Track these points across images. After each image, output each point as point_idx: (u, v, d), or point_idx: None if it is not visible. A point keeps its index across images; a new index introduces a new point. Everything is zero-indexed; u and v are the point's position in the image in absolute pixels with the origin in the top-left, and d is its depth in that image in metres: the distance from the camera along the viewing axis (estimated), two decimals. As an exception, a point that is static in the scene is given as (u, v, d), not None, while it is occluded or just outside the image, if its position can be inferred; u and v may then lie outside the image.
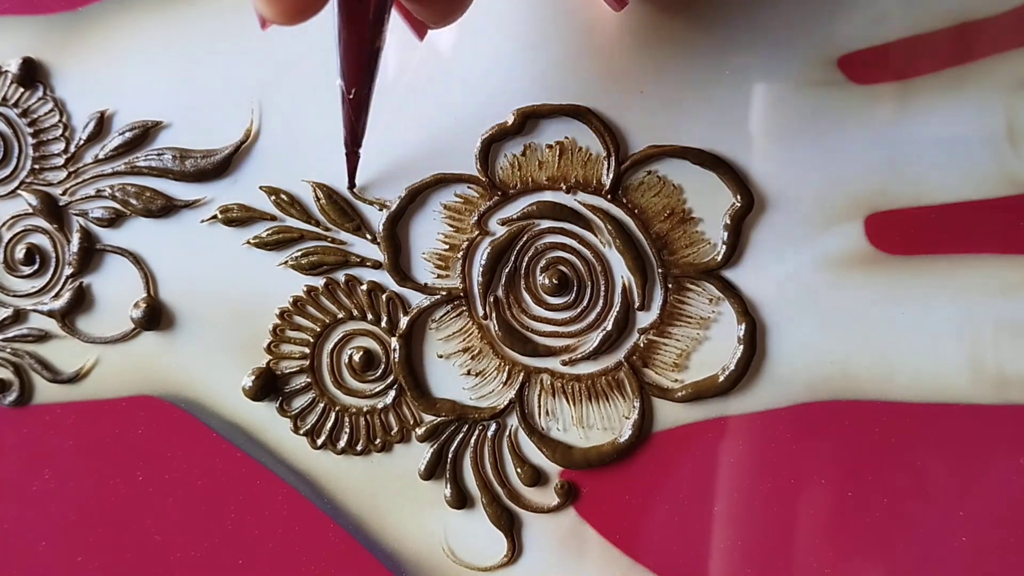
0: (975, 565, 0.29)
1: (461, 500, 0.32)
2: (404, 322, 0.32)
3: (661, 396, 0.31)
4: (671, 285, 0.31)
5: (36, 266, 0.34)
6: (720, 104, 0.30)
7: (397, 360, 0.32)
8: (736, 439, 0.31)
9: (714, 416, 0.31)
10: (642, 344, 0.31)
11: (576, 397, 0.31)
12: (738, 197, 0.30)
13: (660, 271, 0.31)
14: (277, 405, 0.33)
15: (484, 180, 0.31)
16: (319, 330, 0.33)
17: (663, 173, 0.30)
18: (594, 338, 0.31)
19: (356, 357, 0.32)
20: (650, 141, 0.30)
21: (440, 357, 0.32)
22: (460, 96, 0.31)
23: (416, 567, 0.33)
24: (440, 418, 0.32)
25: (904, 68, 0.29)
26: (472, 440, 0.32)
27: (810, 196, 0.30)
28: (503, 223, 0.31)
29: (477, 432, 0.32)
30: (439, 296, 0.32)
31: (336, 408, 0.33)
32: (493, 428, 0.32)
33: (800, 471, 0.30)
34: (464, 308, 0.32)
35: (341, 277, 0.32)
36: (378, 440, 0.33)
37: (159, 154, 0.33)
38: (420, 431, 0.32)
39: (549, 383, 0.32)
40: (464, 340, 0.32)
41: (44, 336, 0.35)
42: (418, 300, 0.32)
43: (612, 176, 0.30)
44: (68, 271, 0.34)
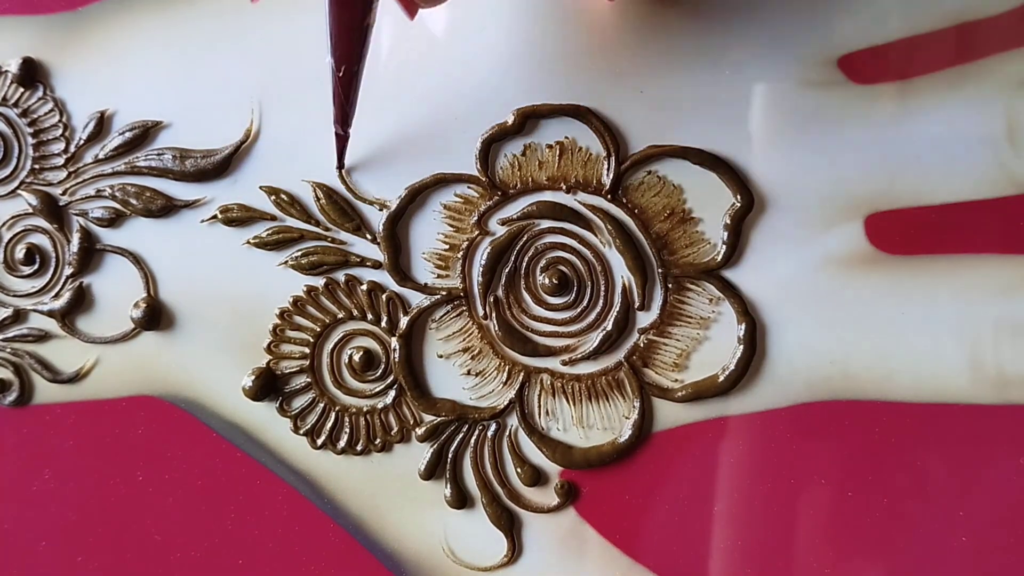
0: (975, 565, 0.29)
1: (461, 500, 0.32)
2: (404, 322, 0.32)
3: (661, 396, 0.31)
4: (671, 285, 0.31)
5: (36, 266, 0.34)
6: (720, 104, 0.30)
7: (397, 360, 0.32)
8: (736, 439, 0.31)
9: (714, 416, 0.31)
10: (642, 344, 0.31)
11: (576, 397, 0.31)
12: (738, 197, 0.30)
13: (660, 271, 0.31)
14: (277, 405, 0.33)
15: (484, 180, 0.31)
16: (319, 330, 0.33)
17: (663, 173, 0.30)
18: (594, 338, 0.31)
19: (356, 357, 0.32)
20: (650, 141, 0.30)
21: (440, 357, 0.32)
22: (460, 96, 0.31)
23: (416, 567, 0.33)
24: (440, 418, 0.32)
25: (904, 68, 0.29)
26: (472, 440, 0.32)
27: (810, 196, 0.30)
28: (503, 223, 0.31)
29: (477, 432, 0.32)
30: (439, 296, 0.32)
31: (336, 408, 0.33)
32: (493, 428, 0.32)
33: (800, 471, 0.30)
34: (464, 308, 0.32)
35: (341, 277, 0.32)
36: (378, 440, 0.32)
37: (159, 154, 0.33)
38: (420, 431, 0.32)
39: (549, 383, 0.32)
40: (464, 340, 0.32)
41: (44, 336, 0.35)
42: (418, 300, 0.32)
43: (612, 176, 0.30)
44: (68, 271, 0.34)
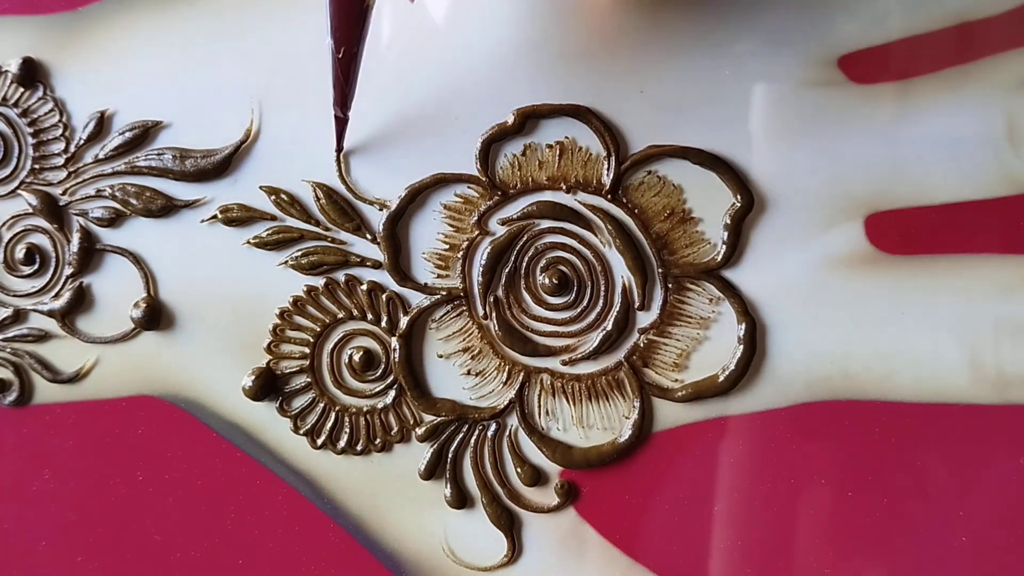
0: (975, 565, 0.29)
1: (461, 500, 0.32)
2: (404, 322, 0.32)
3: (661, 396, 0.31)
4: (671, 285, 0.31)
5: (36, 266, 0.34)
6: (720, 104, 0.30)
7: (397, 360, 0.32)
8: (736, 439, 0.31)
9: (714, 416, 0.31)
10: (642, 344, 0.31)
11: (576, 397, 0.31)
12: (738, 197, 0.30)
13: (660, 271, 0.31)
14: (277, 405, 0.33)
15: (484, 180, 0.31)
16: (319, 330, 0.33)
17: (663, 173, 0.30)
18: (594, 338, 0.31)
19: (356, 357, 0.32)
20: (650, 141, 0.30)
21: (440, 357, 0.32)
22: (460, 96, 0.31)
23: (416, 567, 0.33)
24: (440, 418, 0.32)
25: (904, 68, 0.29)
26: (472, 440, 0.32)
27: (810, 196, 0.30)
28: (503, 223, 0.31)
29: (477, 432, 0.32)
30: (439, 296, 0.32)
31: (336, 408, 0.33)
32: (493, 428, 0.32)
33: (800, 471, 0.30)
34: (464, 308, 0.32)
35: (341, 277, 0.32)
36: (378, 440, 0.32)
37: (159, 154, 0.33)
38: (420, 431, 0.32)
39: (549, 383, 0.32)
40: (464, 340, 0.32)
41: (44, 336, 0.35)
42: (418, 300, 0.32)
43: (612, 176, 0.30)
44: (68, 271, 0.34)
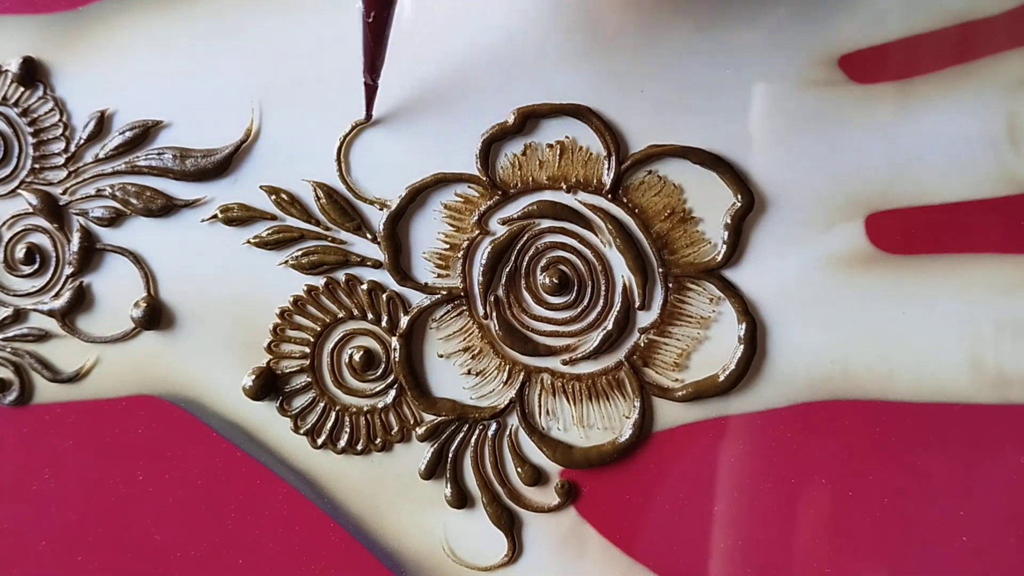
0: (975, 565, 0.29)
1: (461, 500, 0.32)
2: (404, 321, 0.32)
3: (661, 396, 0.31)
4: (671, 285, 0.31)
5: (36, 265, 0.34)
6: (720, 104, 0.30)
7: (397, 359, 0.32)
8: (736, 439, 0.31)
9: (714, 416, 0.31)
10: (642, 344, 0.31)
11: (576, 396, 0.31)
12: (738, 197, 0.30)
13: (660, 271, 0.31)
14: (277, 405, 0.33)
15: (484, 180, 0.31)
16: (319, 329, 0.33)
17: (663, 173, 0.30)
18: (594, 337, 0.31)
19: (356, 356, 0.32)
20: (650, 141, 0.30)
21: (440, 357, 0.32)
22: (460, 95, 0.31)
23: (416, 567, 0.33)
24: (440, 417, 0.32)
25: (904, 68, 0.29)
26: (472, 440, 0.32)
27: (811, 196, 0.30)
28: (503, 223, 0.31)
29: (477, 432, 0.32)
30: (439, 295, 0.32)
31: (336, 407, 0.33)
32: (493, 428, 0.32)
33: (800, 471, 0.30)
34: (464, 307, 0.32)
35: (341, 276, 0.32)
36: (378, 440, 0.32)
37: (159, 153, 0.33)
38: (420, 431, 0.32)
39: (549, 382, 0.32)
40: (464, 339, 0.32)
41: (44, 336, 0.35)
42: (418, 299, 0.32)
43: (612, 176, 0.30)
44: (68, 271, 0.34)
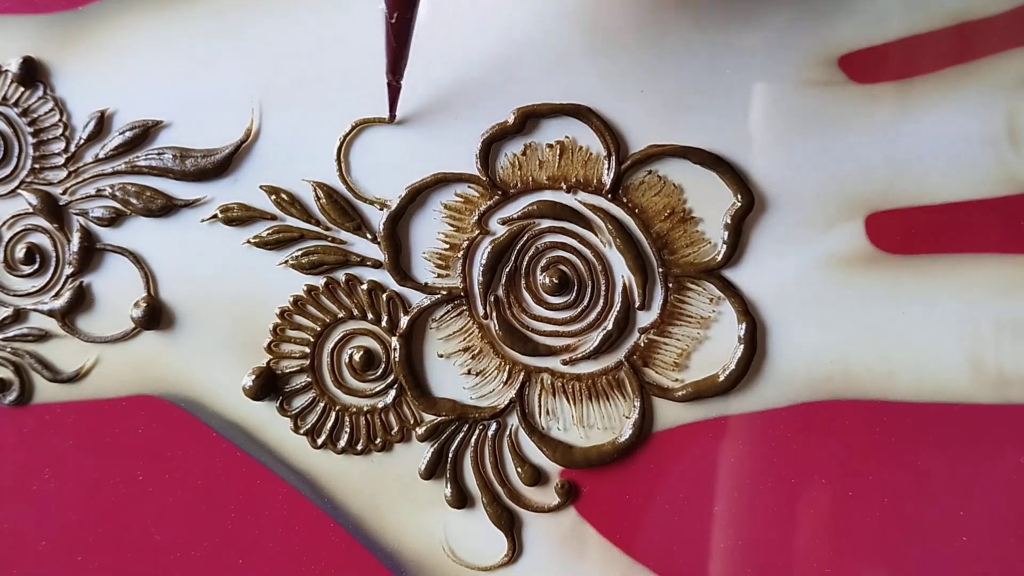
0: (975, 565, 0.29)
1: (461, 500, 0.32)
2: (404, 321, 0.32)
3: (661, 395, 0.31)
4: (671, 284, 0.31)
5: (36, 265, 0.34)
6: (720, 104, 0.30)
7: (397, 359, 0.32)
8: (736, 439, 0.31)
9: (714, 416, 0.31)
10: (642, 343, 0.31)
11: (576, 396, 0.31)
12: (738, 197, 0.30)
13: (660, 270, 0.31)
14: (277, 404, 0.33)
15: (484, 179, 0.31)
16: (319, 329, 0.33)
17: (663, 172, 0.30)
18: (594, 337, 0.31)
19: (356, 356, 0.32)
20: (650, 140, 0.30)
21: (440, 356, 0.32)
22: (461, 95, 0.31)
23: (416, 567, 0.33)
24: (440, 417, 0.32)
25: (904, 68, 0.29)
26: (472, 440, 0.32)
27: (811, 196, 0.30)
28: (503, 222, 0.31)
29: (477, 432, 0.32)
30: (439, 295, 0.32)
31: (336, 407, 0.33)
32: (493, 428, 0.32)
33: (800, 471, 0.30)
34: (464, 307, 0.32)
35: (341, 276, 0.32)
36: (378, 440, 0.32)
37: (159, 153, 0.33)
38: (420, 431, 0.32)
39: (549, 382, 0.32)
40: (464, 339, 0.32)
41: (44, 336, 0.35)
42: (418, 299, 0.32)
43: (612, 175, 0.30)
44: (68, 270, 0.34)
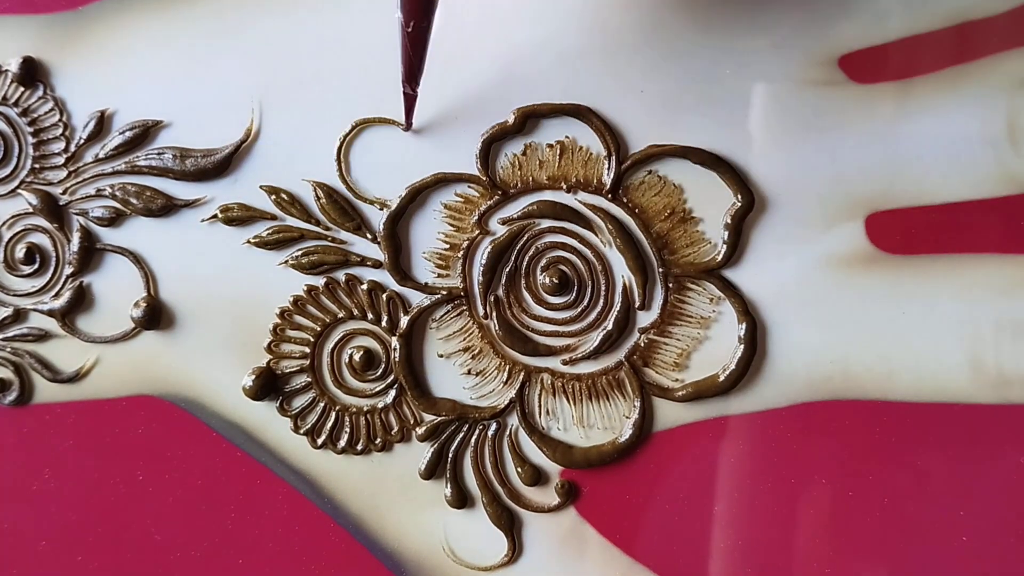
0: (975, 565, 0.29)
1: (461, 500, 0.32)
2: (404, 321, 0.32)
3: (662, 395, 0.31)
4: (672, 284, 0.31)
5: (36, 265, 0.34)
6: (720, 104, 0.30)
7: (397, 359, 0.32)
8: (736, 439, 0.31)
9: (714, 416, 0.31)
10: (643, 343, 0.31)
11: (576, 396, 0.31)
12: (739, 196, 0.30)
13: (661, 270, 0.31)
14: (277, 404, 0.33)
15: (484, 179, 0.31)
16: (319, 329, 0.33)
17: (664, 172, 0.30)
18: (595, 337, 0.31)
19: (356, 356, 0.32)
20: (650, 140, 0.30)
21: (440, 356, 0.32)
22: (460, 95, 0.31)
23: (416, 567, 0.33)
24: (440, 417, 0.32)
25: (904, 68, 0.29)
26: (472, 440, 0.32)
27: (811, 195, 0.30)
28: (503, 222, 0.31)
29: (477, 432, 0.32)
30: (439, 295, 0.32)
31: (336, 407, 0.33)
32: (493, 428, 0.32)
33: (800, 471, 0.30)
34: (464, 307, 0.32)
35: (341, 276, 0.32)
36: (378, 440, 0.32)
37: (159, 153, 0.33)
38: (420, 430, 0.32)
39: (549, 382, 0.32)
40: (464, 339, 0.32)
41: (44, 335, 0.35)
42: (418, 299, 0.32)
43: (613, 175, 0.30)
44: (68, 270, 0.34)
